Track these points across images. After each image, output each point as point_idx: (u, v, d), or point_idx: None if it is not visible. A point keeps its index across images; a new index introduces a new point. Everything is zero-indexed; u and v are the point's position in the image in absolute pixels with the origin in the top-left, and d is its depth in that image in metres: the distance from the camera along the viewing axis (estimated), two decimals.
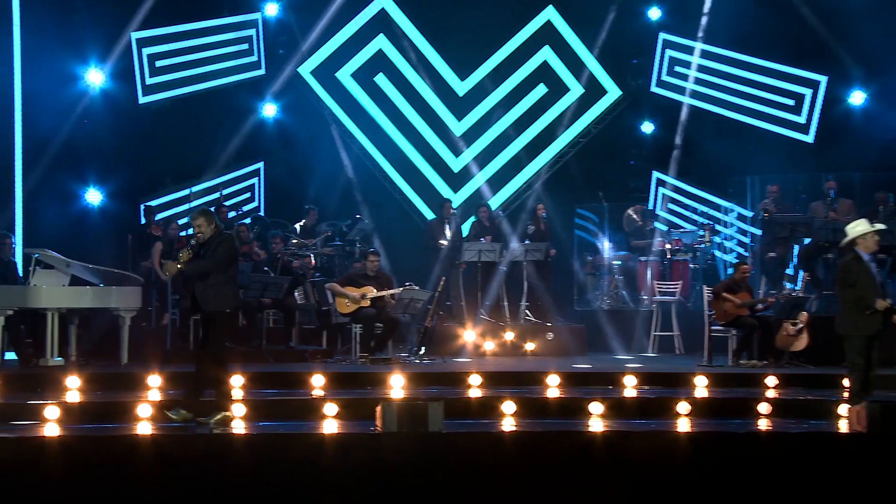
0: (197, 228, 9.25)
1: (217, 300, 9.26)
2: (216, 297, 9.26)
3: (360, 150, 18.73)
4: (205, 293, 9.27)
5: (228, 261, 9.36)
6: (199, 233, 9.23)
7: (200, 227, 9.23)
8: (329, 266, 16.40)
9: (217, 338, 9.39)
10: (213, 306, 9.28)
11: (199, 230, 9.24)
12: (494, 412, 10.29)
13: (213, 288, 9.26)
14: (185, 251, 9.24)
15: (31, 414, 9.74)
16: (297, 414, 10.13)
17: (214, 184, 17.45)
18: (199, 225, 9.25)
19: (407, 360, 13.39)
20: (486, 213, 16.15)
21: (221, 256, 9.28)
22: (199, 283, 9.25)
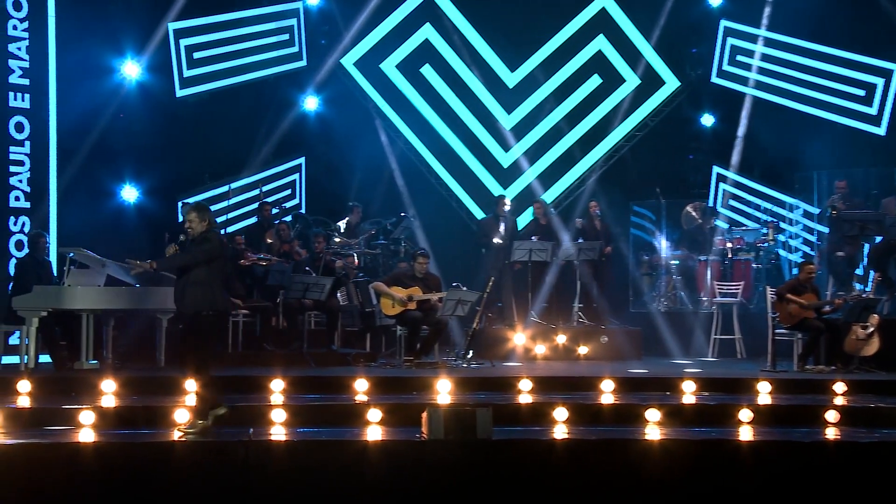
0: (188, 224, 9.21)
1: (194, 301, 9.15)
2: (193, 297, 9.15)
3: (406, 145, 18.76)
4: (181, 292, 9.19)
5: (207, 259, 9.22)
6: (189, 228, 9.21)
7: (192, 222, 9.18)
8: (373, 266, 16.44)
9: (198, 343, 9.29)
10: (190, 307, 9.18)
11: (189, 225, 9.20)
12: (545, 419, 10.26)
13: (192, 288, 9.18)
14: (171, 247, 9.18)
15: (65, 419, 9.84)
16: (339, 420, 10.15)
17: (254, 180, 17.56)
18: (190, 220, 9.20)
19: (454, 364, 13.38)
20: (541, 209, 16.11)
21: (199, 253, 9.18)
22: (178, 281, 9.21)
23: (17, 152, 14.08)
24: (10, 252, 13.92)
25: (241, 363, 13.19)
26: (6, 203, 14.00)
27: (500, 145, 18.75)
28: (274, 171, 18.23)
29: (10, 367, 12.70)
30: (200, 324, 9.27)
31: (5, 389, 10.93)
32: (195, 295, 9.20)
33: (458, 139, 18.71)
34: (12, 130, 14.06)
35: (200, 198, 16.98)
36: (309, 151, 18.67)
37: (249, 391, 11.22)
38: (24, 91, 14.17)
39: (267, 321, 13.90)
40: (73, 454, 8.76)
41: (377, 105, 18.68)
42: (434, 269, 15.07)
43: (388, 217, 17.17)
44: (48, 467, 8.58)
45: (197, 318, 9.24)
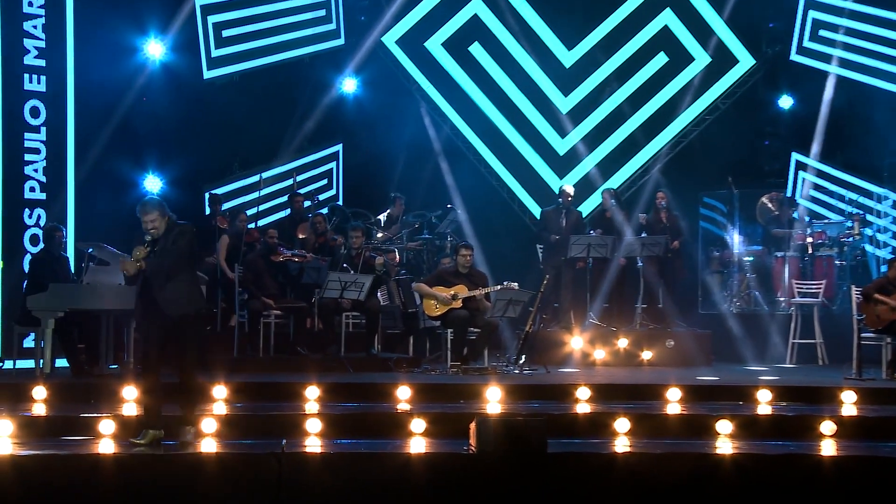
0: (150, 224, 9.07)
1: (185, 302, 9.12)
2: (182, 298, 9.11)
3: (452, 131, 18.77)
4: (170, 295, 9.09)
5: (191, 254, 9.26)
6: (153, 228, 9.07)
7: (154, 221, 9.07)
8: (416, 262, 16.48)
9: (189, 346, 9.28)
10: (180, 309, 9.11)
11: (152, 225, 9.07)
12: (606, 430, 10.23)
13: (178, 288, 9.13)
14: (140, 248, 9.07)
15: (83, 428, 9.92)
16: (379, 430, 10.17)
17: (287, 169, 17.66)
18: (152, 220, 9.07)
19: (505, 370, 13.37)
20: (609, 200, 16.04)
21: (185, 249, 9.15)
22: (161, 283, 9.10)
23: (32, 139, 14.23)
24: (25, 247, 14.06)
25: (274, 368, 13.26)
26: (20, 194, 14.15)
27: (555, 131, 18.70)
28: (309, 160, 18.32)
29: (25, 371, 12.84)
30: (185, 327, 9.22)
31: (20, 396, 11.06)
32: (180, 295, 9.13)
33: (510, 124, 18.69)
34: (27, 116, 14.20)
35: (229, 189, 17.15)
36: (347, 138, 18.73)
37: (282, 399, 11.28)
38: (39, 73, 14.31)
39: (301, 323, 13.96)
40: (92, 466, 8.82)
41: (421, 87, 18.71)
42: (483, 267, 15.07)
43: (433, 209, 17.20)
44: (65, 480, 8.65)
45: (183, 320, 9.18)
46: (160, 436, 9.20)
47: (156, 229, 9.08)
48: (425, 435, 10.07)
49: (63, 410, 10.66)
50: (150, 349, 9.19)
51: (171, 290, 9.12)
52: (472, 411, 10.47)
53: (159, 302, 9.09)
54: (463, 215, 17.44)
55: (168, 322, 9.12)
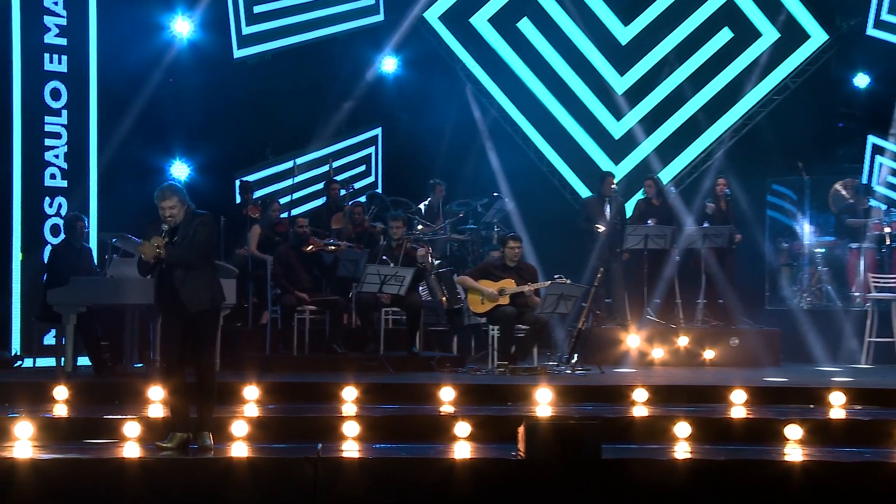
0: (169, 211, 9.05)
1: (205, 297, 9.13)
2: (202, 293, 9.12)
3: (499, 113, 18.75)
4: (190, 289, 9.09)
5: (211, 246, 9.32)
6: (171, 216, 9.05)
7: (173, 208, 9.05)
8: (460, 254, 16.47)
9: (208, 344, 9.33)
10: (199, 305, 9.13)
11: (171, 212, 9.05)
12: (665, 435, 10.19)
13: (199, 282, 9.13)
14: (156, 238, 9.06)
15: (107, 430, 9.98)
16: (421, 434, 10.18)
17: (323, 155, 17.70)
18: (171, 206, 9.04)
19: (556, 370, 13.35)
20: (653, 188, 15.98)
21: (204, 240, 9.15)
22: (181, 276, 9.12)
23: (52, 123, 14.34)
24: (45, 238, 14.18)
25: (308, 368, 13.32)
26: (41, 181, 14.26)
27: (610, 113, 18.65)
28: (346, 144, 18.36)
29: (46, 370, 12.98)
30: (204, 324, 9.24)
31: (40, 396, 11.16)
32: (200, 289, 9.15)
33: (562, 106, 18.65)
34: (48, 98, 14.31)
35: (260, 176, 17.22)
36: (386, 121, 18.76)
37: (317, 400, 11.32)
38: (60, 52, 14.41)
39: (337, 319, 13.99)
40: (116, 471, 8.88)
41: (466, 66, 18.70)
42: (532, 259, 15.04)
43: (478, 198, 17.19)
44: (88, 486, 8.71)
45: (202, 316, 9.20)
46: (188, 439, 9.25)
47: (174, 217, 9.07)
48: (470, 439, 10.07)
49: (86, 412, 10.74)
50: (171, 346, 9.23)
51: (190, 284, 9.13)
52: (520, 414, 10.47)
53: (180, 296, 9.12)
54: (510, 204, 17.41)
55: (186, 317, 9.16)
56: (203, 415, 9.34)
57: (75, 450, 9.39)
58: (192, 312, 9.13)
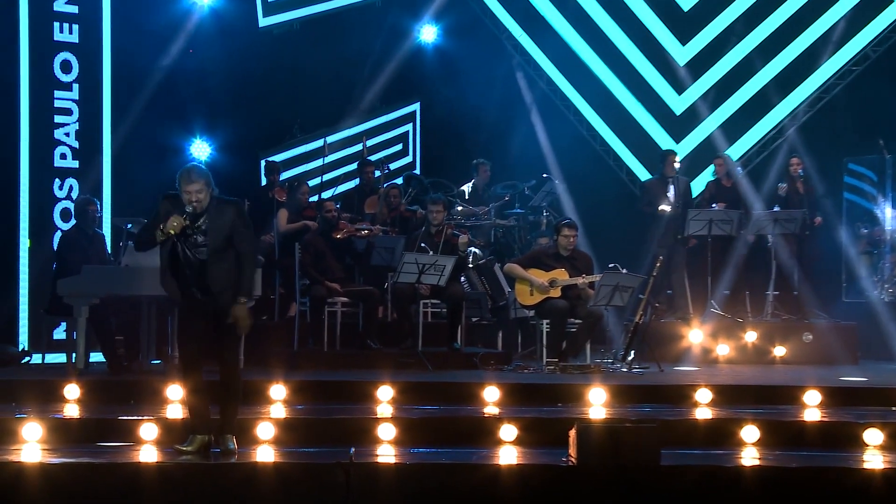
0: (195, 195, 9.00)
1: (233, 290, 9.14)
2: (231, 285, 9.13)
3: (549, 86, 18.72)
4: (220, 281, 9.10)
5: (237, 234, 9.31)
6: (196, 201, 9.01)
7: (199, 192, 9.01)
8: (506, 241, 16.45)
9: (234, 340, 9.37)
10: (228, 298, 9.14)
11: (197, 197, 9.01)
12: (731, 439, 10.17)
13: (228, 273, 9.12)
14: (177, 219, 9.06)
15: (122, 432, 10.04)
16: (463, 438, 10.19)
17: (356, 132, 17.72)
18: (197, 191, 9.00)
19: (611, 368, 13.33)
20: (724, 167, 15.89)
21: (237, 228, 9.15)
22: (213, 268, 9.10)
23: (63, 98, 14.43)
24: (55, 223, 14.28)
25: (340, 365, 13.37)
26: (50, 162, 14.36)
27: (671, 86, 18.57)
28: (381, 122, 18.38)
29: (56, 367, 13.08)
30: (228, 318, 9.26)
31: (50, 395, 11.24)
32: (229, 281, 9.16)
33: (618, 78, 18.59)
34: (57, 71, 14.39)
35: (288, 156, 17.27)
36: (425, 96, 18.76)
37: (350, 400, 11.36)
38: (71, 21, 14.49)
39: (371, 312, 14.01)
40: (131, 477, 8.93)
41: (513, 35, 18.65)
42: (584, 247, 15.00)
43: (526, 179, 17.16)
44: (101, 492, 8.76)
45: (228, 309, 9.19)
46: (209, 442, 9.29)
47: (199, 202, 9.04)
48: (517, 443, 10.07)
49: (99, 412, 10.80)
50: (190, 341, 9.26)
51: (220, 276, 9.14)
52: (571, 416, 10.46)
53: (212, 288, 9.13)
54: (561, 186, 17.38)
55: (209, 310, 9.20)
56: (227, 416, 9.37)
57: (87, 453, 9.44)
58: (221, 305, 9.16)
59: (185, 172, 9.08)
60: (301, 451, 9.61)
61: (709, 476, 9.14)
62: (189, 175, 9.06)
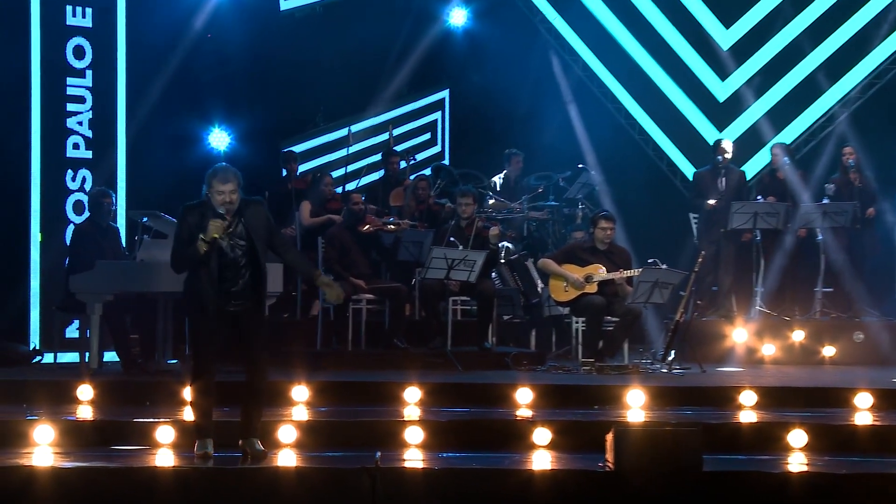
0: (229, 195, 9.13)
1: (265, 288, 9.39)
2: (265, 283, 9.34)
3: (585, 72, 18.69)
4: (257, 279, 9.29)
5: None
6: (230, 202, 9.15)
7: (234, 193, 9.16)
8: (539, 235, 16.44)
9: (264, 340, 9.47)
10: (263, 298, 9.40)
11: (231, 198, 9.14)
12: (777, 444, 10.15)
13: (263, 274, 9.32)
14: (219, 223, 9.07)
15: (137, 435, 10.10)
16: (494, 442, 10.20)
17: (382, 121, 17.73)
18: (232, 191, 9.14)
19: (650, 369, 13.31)
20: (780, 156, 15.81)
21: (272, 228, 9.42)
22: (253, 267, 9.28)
23: (76, 85, 14.45)
24: (68, 216, 14.31)
25: (365, 365, 13.40)
26: (62, 152, 14.38)
27: (714, 72, 18.51)
28: (408, 109, 18.39)
29: (68, 367, 13.12)
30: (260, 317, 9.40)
31: (62, 396, 11.31)
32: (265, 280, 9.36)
33: (657, 64, 18.55)
34: (70, 57, 14.42)
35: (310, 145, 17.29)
36: (455, 83, 18.77)
37: (376, 402, 11.38)
38: (85, 4, 14.50)
39: (398, 309, 14.03)
40: (147, 482, 8.97)
41: (547, 18, 18.63)
42: (623, 241, 14.98)
43: (561, 170, 17.14)
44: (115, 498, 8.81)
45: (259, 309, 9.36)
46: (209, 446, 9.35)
47: (233, 203, 9.17)
48: (551, 448, 10.07)
49: (113, 414, 10.85)
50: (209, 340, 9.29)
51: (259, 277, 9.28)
52: (608, 419, 10.46)
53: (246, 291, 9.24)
54: (597, 177, 17.35)
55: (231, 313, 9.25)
56: (253, 419, 9.44)
57: (101, 457, 9.49)
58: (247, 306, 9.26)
59: (219, 172, 9.18)
60: (324, 456, 9.64)
61: (754, 483, 9.13)
62: (224, 175, 9.17)
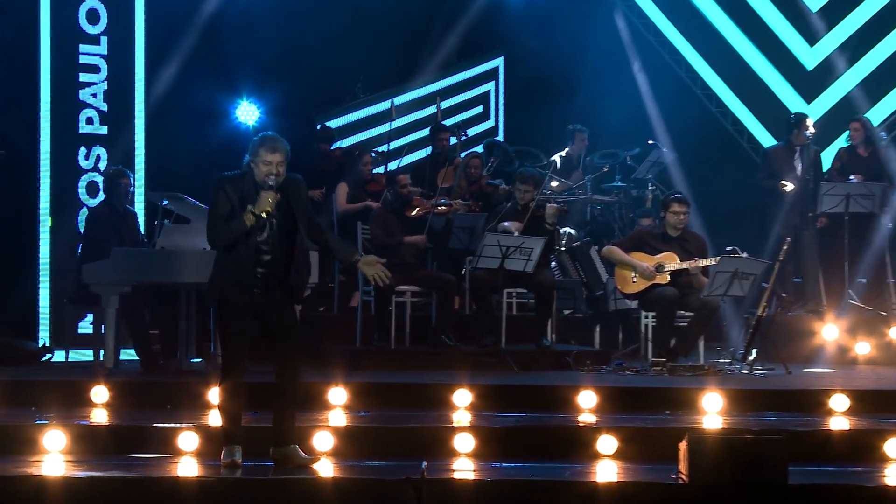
0: (277, 167, 9.17)
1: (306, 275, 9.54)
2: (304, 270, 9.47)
3: (656, 38, 18.66)
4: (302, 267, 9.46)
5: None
6: (278, 173, 9.18)
7: (281, 165, 9.20)
8: (604, 220, 16.41)
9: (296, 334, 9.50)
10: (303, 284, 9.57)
11: (278, 170, 9.18)
12: (873, 454, 10.10)
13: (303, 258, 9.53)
14: (271, 195, 9.11)
15: (157, 442, 10.12)
16: (554, 451, 10.19)
17: (428, 93, 17.73)
18: (279, 163, 9.18)
19: (728, 370, 13.28)
20: (861, 132, 15.73)
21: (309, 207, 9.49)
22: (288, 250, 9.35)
23: (89, 53, 14.51)
24: (80, 199, 14.39)
25: (410, 365, 13.45)
26: (74, 128, 14.45)
27: (802, 36, 18.42)
28: (458, 79, 18.39)
29: (81, 365, 13.20)
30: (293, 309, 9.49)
31: (74, 399, 11.34)
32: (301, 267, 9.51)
33: (737, 28, 18.47)
34: (83, 21, 14.47)
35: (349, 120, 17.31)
36: (510, 49, 18.75)
37: (422, 406, 11.38)
38: None
39: (447, 303, 14.03)
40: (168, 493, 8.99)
41: None
42: (698, 227, 14.94)
43: (629, 147, 17.10)
44: None
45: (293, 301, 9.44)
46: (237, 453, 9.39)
47: (280, 175, 9.22)
48: (617, 457, 10.07)
49: (131, 419, 10.89)
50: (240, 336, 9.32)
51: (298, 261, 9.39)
52: (682, 426, 10.44)
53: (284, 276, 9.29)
54: (670, 155, 17.31)
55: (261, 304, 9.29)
56: (289, 423, 9.47)
57: (118, 466, 9.52)
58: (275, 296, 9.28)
59: (268, 140, 9.23)
60: (364, 465, 9.65)
61: (846, 497, 9.08)
62: (274, 143, 9.22)
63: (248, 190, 9.15)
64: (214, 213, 9.27)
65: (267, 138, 9.24)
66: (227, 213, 9.17)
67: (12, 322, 13.87)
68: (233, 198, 9.16)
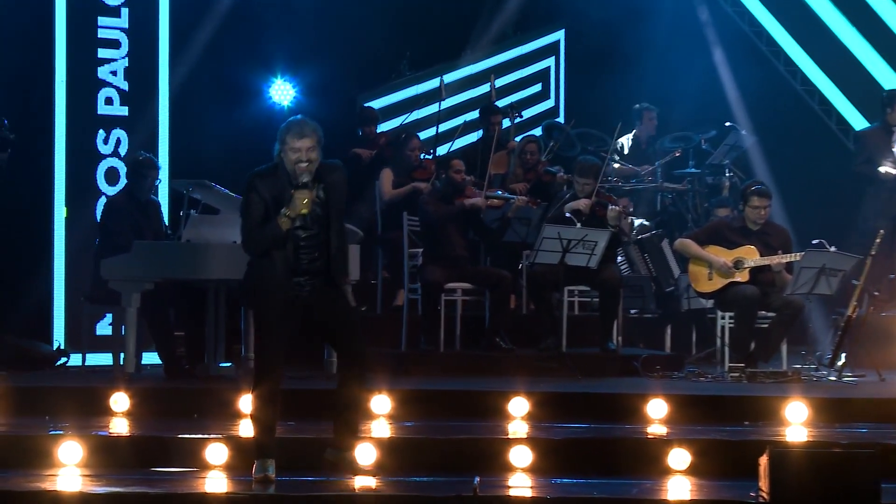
0: (307, 154, 9.18)
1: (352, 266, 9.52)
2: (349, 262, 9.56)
3: (735, 8, 18.58)
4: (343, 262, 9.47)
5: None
6: (308, 160, 9.20)
7: (311, 151, 9.20)
8: (676, 210, 16.37)
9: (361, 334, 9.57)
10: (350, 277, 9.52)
11: (309, 156, 9.19)
12: None
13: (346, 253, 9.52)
14: (306, 193, 9.10)
15: (184, 455, 10.17)
16: (620, 465, 10.20)
17: (481, 70, 17.73)
18: (310, 148, 9.19)
19: (815, 376, 13.24)
20: None
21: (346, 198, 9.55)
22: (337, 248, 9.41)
23: (108, 27, 14.57)
24: (99, 187, 14.44)
25: (461, 370, 13.48)
26: (92, 109, 14.50)
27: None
28: (514, 55, 18.38)
29: (100, 370, 13.29)
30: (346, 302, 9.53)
31: (93, 406, 11.41)
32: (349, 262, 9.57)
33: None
34: None
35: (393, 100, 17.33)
36: (571, 21, 18.72)
37: (474, 416, 11.42)
38: None
39: (501, 302, 14.03)
40: None
41: None
42: (781, 219, 14.90)
43: (703, 129, 17.05)
44: None
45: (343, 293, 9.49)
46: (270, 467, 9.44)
47: (311, 163, 9.23)
48: (690, 473, 10.06)
49: (155, 429, 10.94)
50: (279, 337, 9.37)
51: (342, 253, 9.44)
52: (762, 438, 10.43)
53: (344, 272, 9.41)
54: (749, 139, 17.25)
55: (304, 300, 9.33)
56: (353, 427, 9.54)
57: (139, 481, 9.56)
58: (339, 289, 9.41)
59: (294, 125, 9.23)
60: (410, 481, 9.67)
61: None
62: (301, 128, 9.22)
63: (281, 186, 9.18)
64: (247, 219, 9.29)
65: (293, 123, 9.23)
66: (261, 216, 9.21)
67: (24, 322, 13.93)
68: (266, 197, 9.18)
